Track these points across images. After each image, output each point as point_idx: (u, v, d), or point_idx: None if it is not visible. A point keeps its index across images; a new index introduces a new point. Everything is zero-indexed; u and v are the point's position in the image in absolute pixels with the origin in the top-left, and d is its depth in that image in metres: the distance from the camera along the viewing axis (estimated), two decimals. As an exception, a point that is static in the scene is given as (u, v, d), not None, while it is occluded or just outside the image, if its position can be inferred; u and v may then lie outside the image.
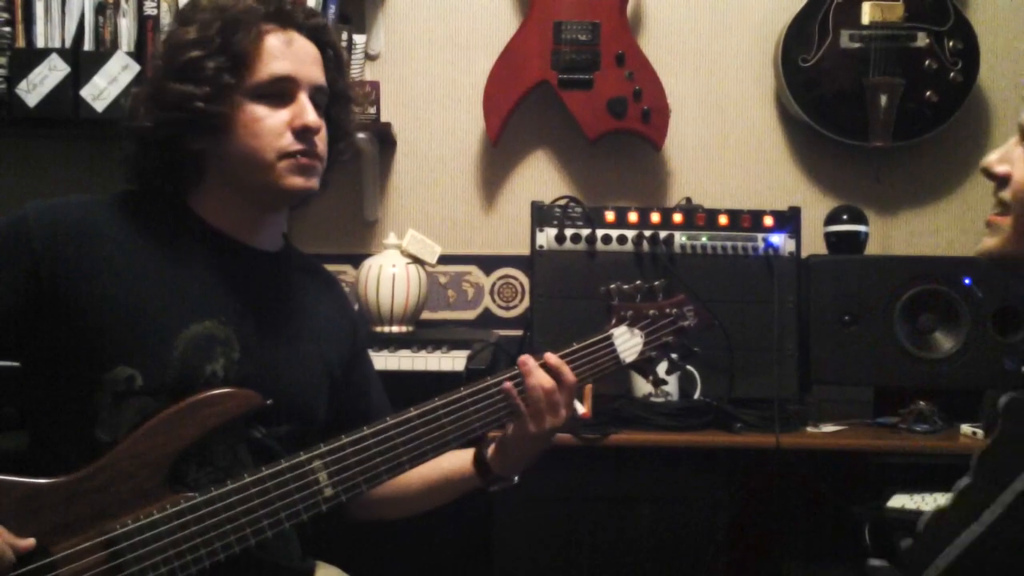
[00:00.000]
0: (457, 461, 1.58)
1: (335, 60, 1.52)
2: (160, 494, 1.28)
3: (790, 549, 2.40)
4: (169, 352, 1.35)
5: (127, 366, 1.33)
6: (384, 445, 1.39)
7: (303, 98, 1.43)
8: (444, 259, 2.57)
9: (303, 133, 1.42)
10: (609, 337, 1.54)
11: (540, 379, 1.47)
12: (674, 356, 1.61)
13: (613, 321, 1.56)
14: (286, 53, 1.43)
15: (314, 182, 1.46)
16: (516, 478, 1.57)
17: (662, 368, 1.62)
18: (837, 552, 2.27)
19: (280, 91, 1.42)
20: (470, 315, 2.78)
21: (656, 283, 1.61)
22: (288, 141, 1.42)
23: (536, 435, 1.48)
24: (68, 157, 2.69)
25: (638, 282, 1.60)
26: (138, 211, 1.43)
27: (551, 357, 1.49)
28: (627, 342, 1.55)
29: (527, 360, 1.48)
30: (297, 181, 1.43)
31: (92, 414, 1.32)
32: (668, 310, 1.60)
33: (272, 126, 1.41)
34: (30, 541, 1.22)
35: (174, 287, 1.39)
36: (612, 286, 1.58)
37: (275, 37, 1.43)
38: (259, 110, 1.41)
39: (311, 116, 1.42)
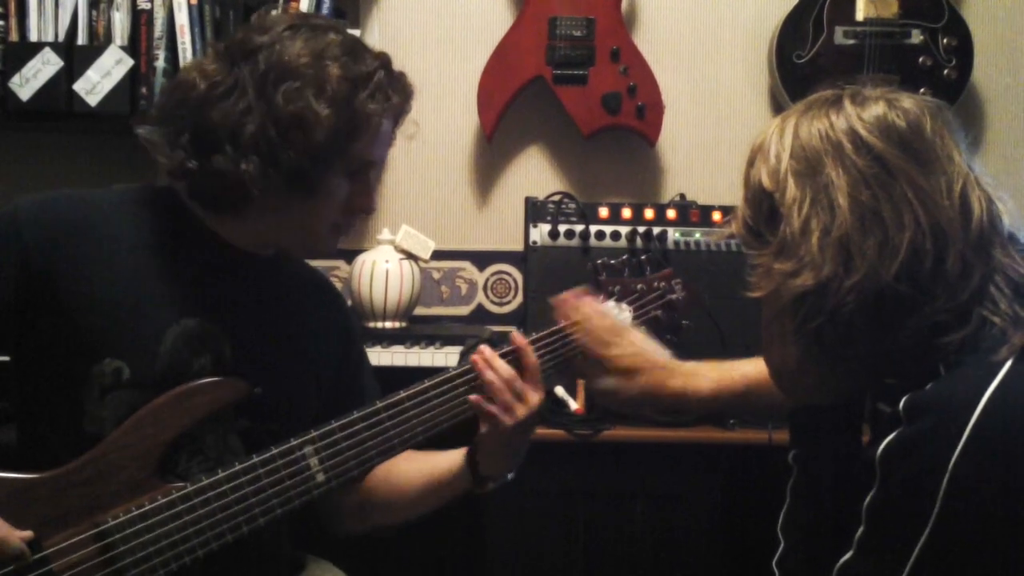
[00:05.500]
0: (449, 462, 1.56)
1: None
2: (151, 485, 1.28)
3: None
4: (157, 346, 1.35)
5: (115, 358, 1.33)
6: (374, 428, 1.39)
7: (372, 179, 1.44)
8: (437, 255, 2.57)
9: (359, 212, 1.45)
10: None
11: (499, 370, 1.45)
12: (668, 336, 1.60)
13: (601, 297, 1.56)
14: (384, 140, 1.43)
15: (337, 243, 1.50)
16: (510, 475, 1.55)
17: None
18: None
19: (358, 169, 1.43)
20: (463, 311, 2.78)
21: (643, 256, 1.63)
22: (344, 215, 1.44)
23: (512, 427, 1.45)
24: (61, 151, 2.68)
25: (625, 256, 1.61)
26: (132, 207, 1.42)
27: (518, 338, 1.47)
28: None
29: (483, 351, 1.46)
30: (329, 246, 1.48)
31: (79, 407, 1.32)
32: (656, 284, 1.60)
33: (340, 201, 1.41)
34: (28, 532, 1.21)
35: (165, 283, 1.38)
36: (599, 261, 1.60)
37: (384, 129, 1.42)
38: (342, 185, 1.40)
39: (374, 201, 1.45)
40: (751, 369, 1.52)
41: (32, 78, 2.34)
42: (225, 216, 1.42)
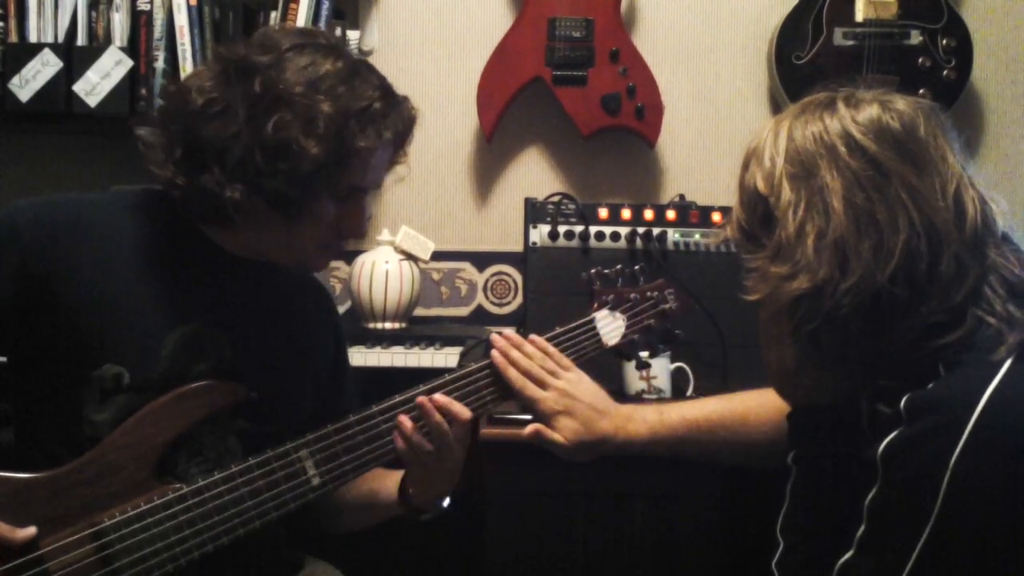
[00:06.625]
0: (389, 486, 1.56)
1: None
2: (149, 486, 1.28)
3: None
4: (157, 351, 1.35)
5: (115, 364, 1.33)
6: (369, 432, 1.39)
7: (364, 203, 1.43)
8: (437, 255, 2.56)
9: (348, 235, 1.44)
10: (591, 321, 1.56)
11: (451, 410, 1.42)
12: (660, 345, 1.63)
13: (595, 305, 1.58)
14: (378, 168, 1.43)
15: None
16: (445, 503, 1.55)
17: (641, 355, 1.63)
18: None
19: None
20: (463, 312, 2.78)
21: (636, 267, 1.64)
22: (333, 236, 1.43)
23: (444, 471, 1.46)
24: (61, 152, 2.68)
25: (619, 266, 1.62)
26: (130, 210, 1.42)
27: (439, 398, 1.42)
28: (609, 325, 1.57)
29: (425, 401, 1.42)
30: (318, 264, 1.49)
31: (78, 410, 1.32)
32: (649, 293, 1.62)
33: (328, 225, 1.41)
34: (30, 530, 1.21)
35: (164, 287, 1.38)
36: (593, 271, 1.61)
37: (379, 157, 1.41)
38: (330, 210, 1.39)
39: (365, 225, 1.44)
40: (718, 407, 1.55)
41: (32, 79, 2.34)
42: (215, 227, 1.43)
